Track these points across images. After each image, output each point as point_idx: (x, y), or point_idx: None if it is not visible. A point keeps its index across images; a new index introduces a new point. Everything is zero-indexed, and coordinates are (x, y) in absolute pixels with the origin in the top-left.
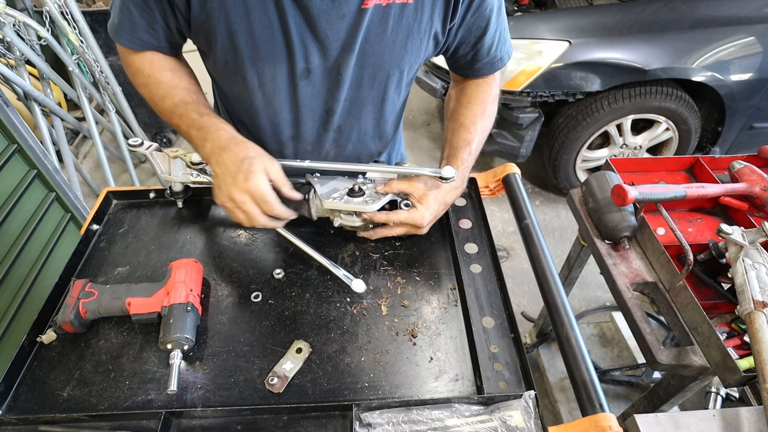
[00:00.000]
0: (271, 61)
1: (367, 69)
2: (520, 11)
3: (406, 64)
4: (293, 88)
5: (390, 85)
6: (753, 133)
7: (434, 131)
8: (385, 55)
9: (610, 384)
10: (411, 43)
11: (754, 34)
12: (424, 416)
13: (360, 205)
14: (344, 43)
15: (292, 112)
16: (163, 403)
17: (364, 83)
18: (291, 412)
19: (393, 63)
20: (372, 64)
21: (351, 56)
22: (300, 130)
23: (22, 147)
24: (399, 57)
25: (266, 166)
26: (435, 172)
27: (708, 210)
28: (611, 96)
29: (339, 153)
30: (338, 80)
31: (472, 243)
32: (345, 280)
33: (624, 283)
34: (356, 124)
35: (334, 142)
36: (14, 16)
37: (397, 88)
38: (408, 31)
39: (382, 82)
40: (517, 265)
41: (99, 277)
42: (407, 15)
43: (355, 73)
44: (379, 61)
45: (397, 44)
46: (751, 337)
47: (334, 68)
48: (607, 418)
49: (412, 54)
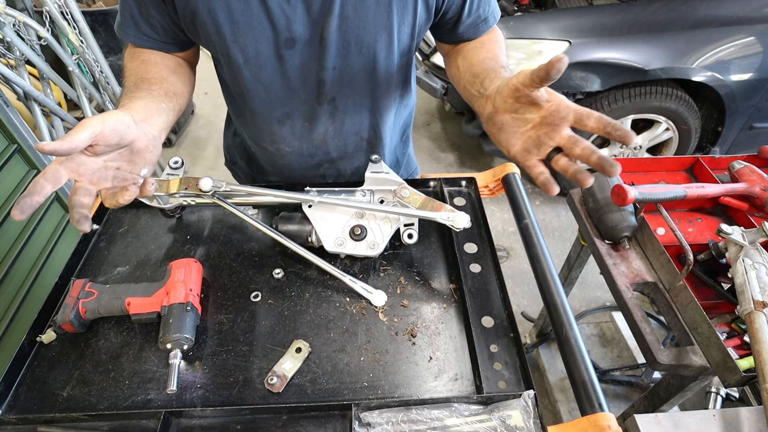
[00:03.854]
0: (252, 34)
1: (351, 33)
2: (520, 11)
3: (394, 25)
4: (279, 60)
5: (379, 51)
6: (753, 133)
7: (434, 131)
8: (368, 18)
9: (610, 384)
10: (396, 9)
11: (754, 34)
12: (424, 416)
13: (365, 251)
14: (323, 5)
15: (282, 87)
16: (162, 402)
17: (351, 49)
18: (290, 412)
19: (378, 24)
20: (356, 26)
21: (332, 19)
22: (293, 105)
23: (22, 147)
24: (384, 17)
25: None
26: (448, 218)
27: (708, 210)
28: (611, 96)
29: (337, 129)
30: (323, 46)
31: (471, 243)
32: (364, 293)
33: (624, 283)
34: (350, 95)
35: (330, 116)
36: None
37: (388, 55)
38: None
39: (371, 47)
40: (517, 265)
41: (99, 277)
42: None
43: (339, 39)
44: (362, 23)
45: (380, 5)
46: (751, 337)
47: (316, 34)
48: (606, 418)
49: (399, 13)
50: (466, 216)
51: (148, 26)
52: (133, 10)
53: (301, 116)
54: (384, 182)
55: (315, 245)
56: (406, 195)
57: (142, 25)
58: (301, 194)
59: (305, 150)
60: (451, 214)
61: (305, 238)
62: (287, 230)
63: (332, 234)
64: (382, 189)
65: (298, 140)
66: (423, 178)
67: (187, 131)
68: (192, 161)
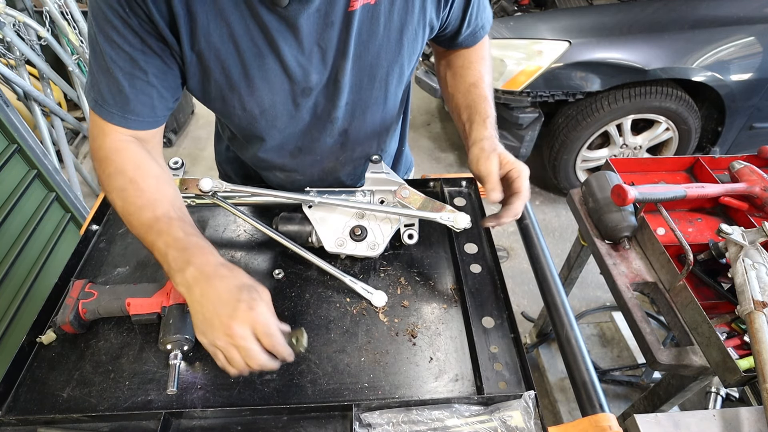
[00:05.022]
0: (269, 88)
1: (365, 71)
2: (520, 11)
3: (405, 59)
4: (295, 108)
5: (391, 82)
6: (753, 133)
7: (434, 131)
8: (381, 54)
9: (610, 384)
10: (406, 37)
11: (754, 34)
12: (424, 416)
13: (365, 252)
14: (337, 50)
15: (296, 129)
16: (162, 403)
17: (364, 85)
18: (291, 413)
19: (391, 60)
20: (369, 65)
21: (346, 62)
22: (305, 142)
23: (22, 147)
24: (395, 53)
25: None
26: (448, 219)
27: (708, 210)
28: (611, 96)
29: (348, 157)
30: (337, 87)
31: (472, 243)
32: (365, 294)
33: (624, 283)
34: (362, 126)
35: (341, 146)
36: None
37: (398, 83)
38: (401, 25)
39: (383, 80)
40: (517, 265)
41: (99, 278)
42: (397, 9)
43: (353, 77)
44: (375, 60)
45: (391, 41)
46: (751, 337)
47: (331, 78)
48: (606, 418)
49: (409, 47)
50: (467, 216)
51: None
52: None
53: (312, 150)
54: (384, 183)
55: (315, 246)
56: (407, 195)
57: (132, 103)
58: (302, 195)
59: (316, 176)
60: (451, 215)
61: (305, 239)
62: (287, 231)
63: (332, 234)
64: (382, 189)
65: (309, 169)
66: (423, 178)
67: (187, 131)
68: (192, 161)
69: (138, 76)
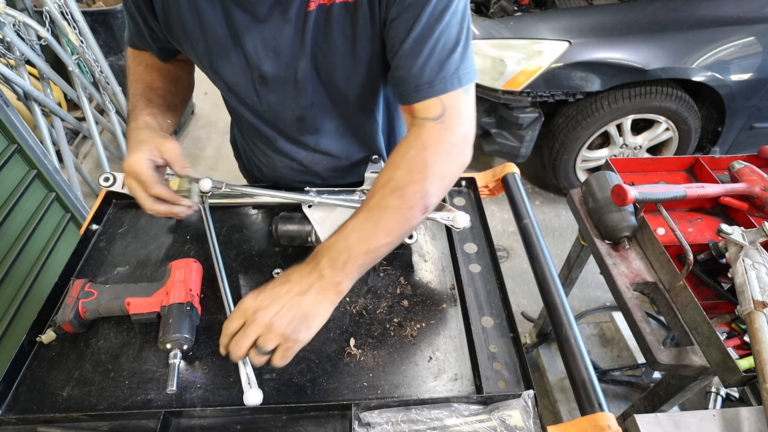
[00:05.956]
0: (229, 65)
1: (327, 75)
2: (520, 11)
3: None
4: (257, 95)
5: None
6: (753, 133)
7: None
8: (337, 61)
9: (610, 384)
10: (361, 47)
11: (754, 34)
12: (423, 416)
13: None
14: (293, 49)
15: (264, 119)
16: (162, 402)
17: (328, 88)
18: (290, 412)
19: (348, 70)
20: (329, 68)
21: (304, 61)
22: (276, 134)
23: (22, 147)
24: (351, 62)
25: (157, 145)
26: (448, 218)
27: (708, 210)
28: (611, 96)
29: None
30: (297, 87)
31: (471, 243)
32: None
33: (624, 283)
34: (333, 126)
35: (315, 143)
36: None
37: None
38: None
39: (345, 83)
40: (517, 265)
41: (98, 277)
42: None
43: (313, 78)
44: (333, 65)
45: (346, 48)
46: (751, 337)
47: (290, 75)
48: (605, 418)
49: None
50: (466, 216)
51: (147, 32)
52: (132, 12)
53: (286, 141)
54: None
55: (315, 245)
56: None
57: (141, 30)
58: (301, 194)
59: (296, 167)
60: (451, 214)
61: (305, 238)
62: (287, 230)
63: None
64: None
65: (288, 159)
66: None
67: (187, 131)
68: (192, 161)
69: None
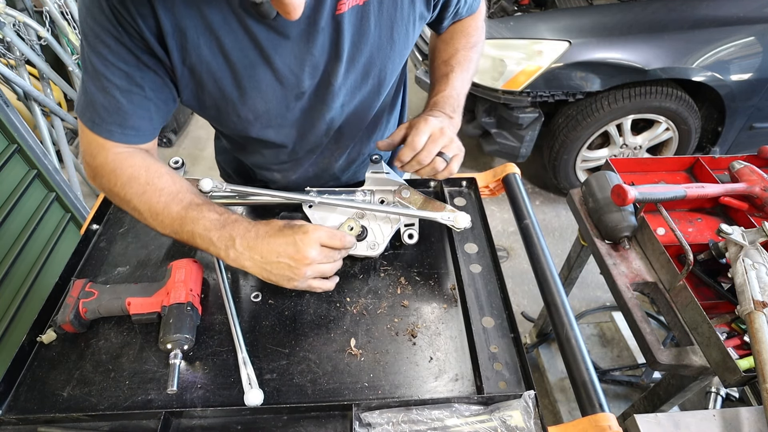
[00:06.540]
0: (261, 96)
1: (359, 71)
2: (520, 11)
3: (397, 54)
4: (288, 111)
5: (384, 78)
6: (753, 133)
7: None
8: (373, 53)
9: (610, 384)
10: (397, 33)
11: (754, 34)
12: (424, 416)
13: (365, 251)
14: (330, 55)
15: (290, 132)
16: (162, 402)
17: (358, 84)
18: (291, 412)
19: (384, 58)
20: (362, 65)
21: (339, 65)
22: (300, 141)
23: (22, 147)
24: (388, 50)
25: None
26: (449, 219)
27: (708, 210)
28: (611, 96)
29: (342, 153)
30: (330, 90)
31: (472, 243)
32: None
33: (624, 283)
34: (356, 123)
35: (335, 143)
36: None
37: (391, 77)
38: (392, 22)
39: (376, 78)
40: (517, 265)
41: (99, 277)
42: (387, 7)
43: (346, 79)
44: (368, 60)
45: (383, 39)
46: (751, 337)
47: (324, 81)
48: (606, 418)
49: (401, 43)
50: (467, 216)
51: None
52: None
53: (308, 150)
54: (384, 182)
55: None
56: (407, 195)
57: (131, 119)
58: (302, 195)
59: (311, 173)
60: (451, 215)
61: None
62: None
63: None
64: (382, 189)
65: (304, 168)
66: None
67: (187, 131)
68: (192, 161)
69: (135, 92)
